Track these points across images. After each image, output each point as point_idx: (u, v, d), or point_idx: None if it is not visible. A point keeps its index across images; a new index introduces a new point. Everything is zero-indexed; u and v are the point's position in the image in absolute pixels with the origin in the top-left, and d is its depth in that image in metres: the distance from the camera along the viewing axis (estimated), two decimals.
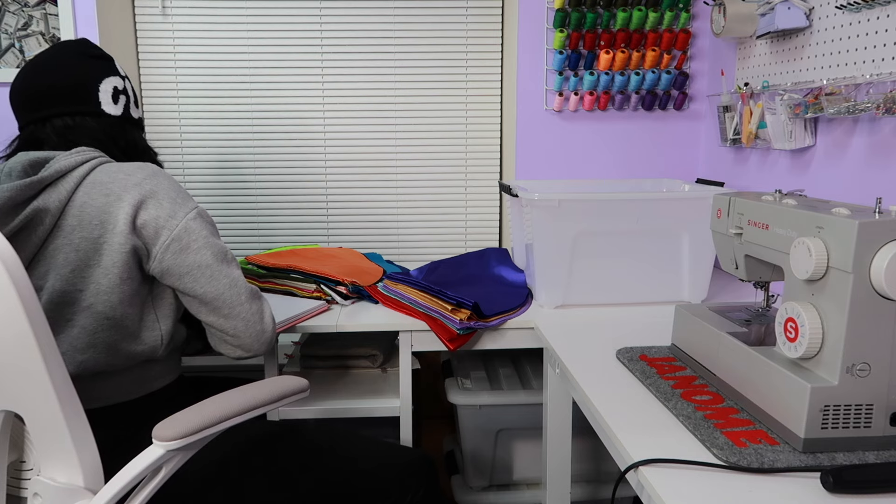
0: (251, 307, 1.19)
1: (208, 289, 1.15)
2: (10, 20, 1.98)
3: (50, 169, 1.10)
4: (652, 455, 0.86)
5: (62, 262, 1.10)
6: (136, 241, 1.11)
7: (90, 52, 1.26)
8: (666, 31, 2.03)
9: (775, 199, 1.03)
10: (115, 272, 1.10)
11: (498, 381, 1.80)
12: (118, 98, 1.26)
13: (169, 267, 1.13)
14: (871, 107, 1.30)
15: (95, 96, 1.22)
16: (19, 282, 0.85)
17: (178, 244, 1.12)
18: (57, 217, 1.10)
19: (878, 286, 0.82)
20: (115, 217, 1.10)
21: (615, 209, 1.53)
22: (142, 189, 1.12)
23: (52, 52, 1.24)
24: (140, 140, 1.31)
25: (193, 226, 1.14)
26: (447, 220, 2.24)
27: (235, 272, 1.19)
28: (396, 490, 1.22)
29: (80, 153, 1.15)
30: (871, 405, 0.86)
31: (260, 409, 1.02)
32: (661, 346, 1.26)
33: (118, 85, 1.26)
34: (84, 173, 1.12)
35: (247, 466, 1.16)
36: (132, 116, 1.30)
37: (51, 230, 1.10)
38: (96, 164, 1.15)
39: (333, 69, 2.14)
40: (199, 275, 1.14)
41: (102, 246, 1.10)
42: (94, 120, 1.22)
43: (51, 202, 1.09)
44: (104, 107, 1.23)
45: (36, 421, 0.92)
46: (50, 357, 0.88)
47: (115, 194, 1.11)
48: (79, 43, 1.27)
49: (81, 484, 0.92)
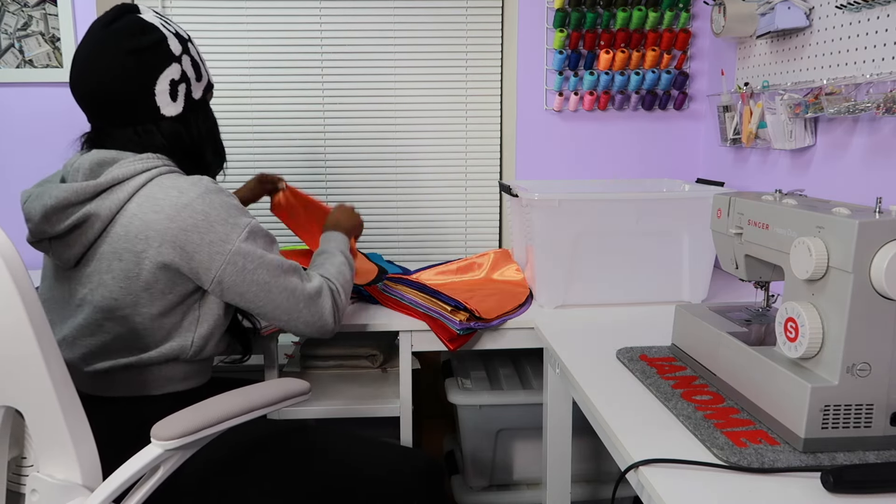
0: (311, 310, 1.21)
1: (266, 304, 1.17)
2: (10, 20, 1.98)
3: (108, 175, 1.11)
4: (652, 455, 0.86)
5: (105, 268, 1.11)
6: (183, 263, 1.11)
7: (139, 45, 1.14)
8: (666, 31, 2.03)
9: (775, 199, 1.03)
10: (156, 287, 1.12)
11: (498, 381, 1.80)
12: (176, 92, 1.18)
13: (226, 288, 1.14)
14: (871, 107, 1.30)
15: (152, 102, 1.16)
16: (19, 278, 0.85)
17: (234, 267, 1.13)
18: (107, 223, 1.11)
19: (879, 286, 0.82)
20: (161, 235, 1.09)
21: (615, 209, 1.53)
22: (193, 211, 1.10)
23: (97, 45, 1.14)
24: (204, 130, 1.25)
25: (246, 248, 1.13)
26: (447, 220, 2.23)
27: (292, 281, 1.19)
28: (400, 494, 1.22)
29: (144, 161, 1.14)
30: (871, 405, 0.86)
31: (260, 410, 1.02)
32: (661, 346, 1.26)
33: (174, 76, 1.17)
34: (140, 184, 1.12)
35: (246, 466, 1.16)
36: (194, 101, 1.22)
37: (99, 234, 1.11)
38: (155, 175, 1.14)
39: (333, 69, 2.14)
40: (258, 291, 1.16)
41: (144, 260, 1.10)
42: (156, 125, 1.18)
43: (103, 208, 1.10)
44: (164, 110, 1.17)
45: (35, 416, 0.92)
46: (48, 353, 0.88)
47: (164, 212, 1.10)
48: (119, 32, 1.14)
49: (79, 481, 0.92)
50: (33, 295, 0.86)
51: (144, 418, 0.99)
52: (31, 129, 2.05)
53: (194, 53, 1.22)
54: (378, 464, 1.23)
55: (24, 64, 2.00)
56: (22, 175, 2.06)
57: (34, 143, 2.05)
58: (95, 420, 1.13)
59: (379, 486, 1.20)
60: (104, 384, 1.18)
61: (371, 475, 1.21)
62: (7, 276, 0.84)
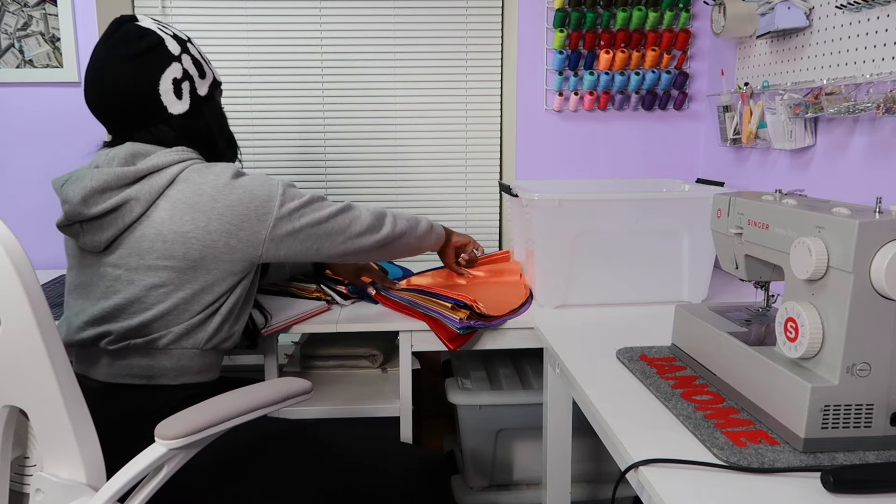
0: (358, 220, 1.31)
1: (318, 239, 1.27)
2: (10, 20, 1.98)
3: (148, 162, 1.17)
4: (652, 455, 0.86)
5: (147, 249, 1.16)
6: (231, 237, 1.18)
7: (136, 50, 1.19)
8: (666, 31, 2.03)
9: (775, 198, 1.03)
10: (202, 265, 1.17)
11: (498, 381, 1.80)
12: (181, 90, 1.23)
13: (281, 242, 1.23)
14: (871, 106, 1.30)
15: (159, 103, 1.21)
16: (25, 276, 0.85)
17: (281, 221, 1.22)
18: (146, 207, 1.16)
19: (879, 286, 0.82)
20: (208, 214, 1.16)
21: (615, 209, 1.53)
22: (233, 188, 1.19)
23: (100, 59, 1.20)
24: (214, 124, 1.31)
25: (287, 203, 1.23)
26: (447, 221, 2.23)
27: (329, 209, 1.28)
28: (402, 490, 1.22)
29: (179, 152, 1.21)
30: (871, 405, 0.86)
31: (263, 409, 1.02)
32: (661, 346, 1.26)
33: (176, 75, 1.22)
34: (177, 172, 1.18)
35: (248, 465, 1.16)
36: (200, 98, 1.26)
37: (138, 218, 1.16)
38: (190, 164, 1.21)
39: (333, 69, 2.14)
40: (309, 234, 1.25)
41: (191, 240, 1.16)
42: (167, 124, 1.23)
43: (142, 193, 1.16)
44: (171, 109, 1.23)
45: (39, 416, 0.92)
46: (53, 352, 0.88)
47: (208, 194, 1.17)
48: (118, 42, 1.20)
49: (83, 480, 0.92)
50: (39, 293, 0.86)
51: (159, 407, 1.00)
52: (31, 129, 2.05)
53: (195, 52, 1.27)
54: (380, 461, 1.23)
55: (24, 64, 2.00)
56: (22, 175, 2.06)
57: (34, 143, 2.05)
58: (111, 406, 1.16)
59: (381, 483, 1.20)
60: (124, 369, 1.20)
61: (372, 472, 1.21)
62: (13, 274, 0.84)
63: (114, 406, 1.18)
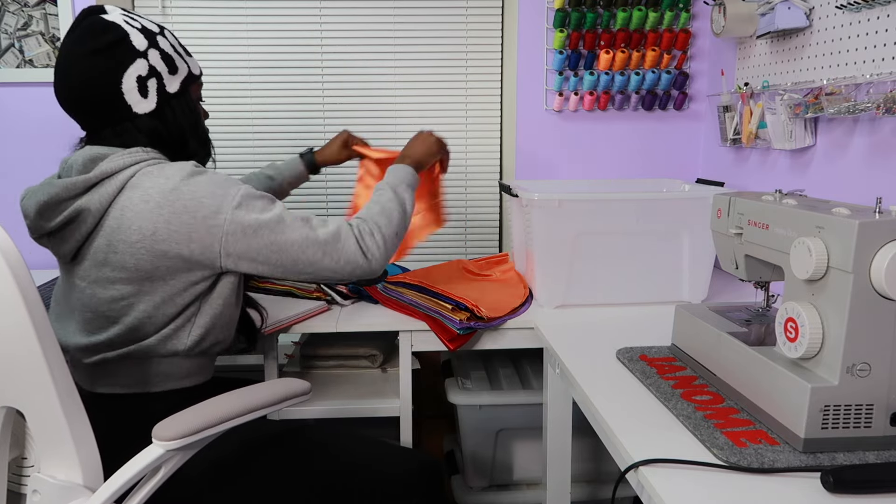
0: (331, 256, 1.19)
1: (283, 262, 1.17)
2: (10, 20, 1.98)
3: (97, 170, 1.11)
4: (652, 455, 0.86)
5: (102, 261, 1.12)
6: (183, 247, 1.11)
7: (97, 45, 1.12)
8: (666, 31, 2.03)
9: (775, 199, 1.03)
10: (156, 275, 1.12)
11: (498, 381, 1.80)
12: (146, 88, 1.15)
13: (236, 258, 1.14)
14: (871, 107, 1.30)
15: (122, 101, 1.14)
16: (21, 277, 0.85)
17: (234, 236, 1.13)
18: (99, 217, 1.11)
19: (879, 286, 0.82)
20: (154, 223, 1.10)
21: (615, 209, 1.53)
22: (180, 194, 1.10)
23: (64, 52, 1.15)
24: (185, 122, 1.22)
25: (240, 214, 1.13)
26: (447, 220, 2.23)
27: (300, 232, 1.17)
28: (400, 493, 1.22)
29: (133, 154, 1.14)
30: (871, 405, 0.86)
31: (261, 410, 1.02)
32: (661, 346, 1.26)
33: (140, 72, 1.14)
34: (128, 177, 1.12)
35: (246, 467, 1.16)
36: (168, 94, 1.18)
37: (93, 229, 1.12)
38: (142, 167, 1.14)
39: (333, 69, 2.14)
40: (269, 253, 1.15)
41: (140, 250, 1.10)
42: (132, 123, 1.16)
43: (93, 202, 1.11)
44: (135, 108, 1.15)
45: (36, 417, 0.92)
46: (50, 354, 0.88)
47: (154, 200, 1.10)
48: (82, 35, 1.14)
49: (80, 482, 0.92)
50: (35, 295, 0.86)
51: (147, 415, 0.99)
52: (31, 129, 2.05)
53: (165, 46, 1.19)
54: (378, 463, 1.23)
55: (24, 64, 2.00)
56: (22, 175, 2.06)
57: (34, 142, 2.05)
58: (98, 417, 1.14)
59: (379, 486, 1.20)
60: (107, 379, 1.18)
61: (371, 475, 1.21)
62: (9, 275, 0.84)
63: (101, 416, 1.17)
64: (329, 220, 1.23)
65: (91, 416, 1.14)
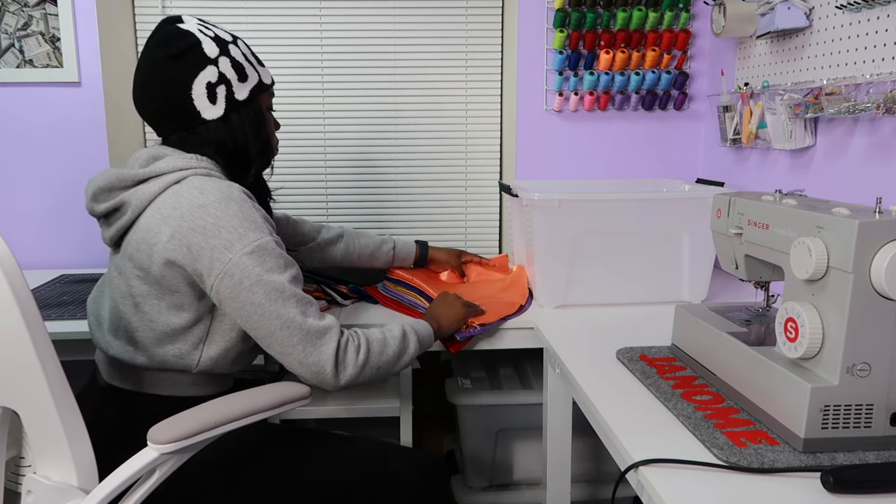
0: (305, 349, 1.11)
1: (260, 328, 1.11)
2: (10, 20, 1.98)
3: (150, 168, 1.15)
4: (652, 455, 0.86)
5: (129, 255, 1.15)
6: (187, 263, 1.10)
7: (170, 52, 1.16)
8: (666, 31, 2.03)
9: (775, 199, 1.03)
10: (163, 282, 1.12)
11: (498, 381, 1.80)
12: (215, 94, 1.18)
13: (223, 300, 1.10)
14: (871, 107, 1.30)
15: (192, 108, 1.17)
16: (14, 280, 0.85)
17: (230, 279, 1.08)
18: (137, 213, 1.14)
19: (879, 286, 0.82)
20: (172, 231, 1.10)
21: (615, 209, 1.53)
22: (206, 213, 1.09)
23: (143, 59, 1.19)
24: (250, 130, 1.23)
25: (246, 262, 1.08)
26: (447, 221, 2.23)
27: (290, 311, 1.10)
28: (401, 495, 1.21)
29: (186, 160, 1.16)
30: (871, 405, 0.86)
31: (259, 415, 1.01)
32: (661, 346, 1.26)
33: (211, 78, 1.17)
34: (173, 181, 1.14)
35: (244, 470, 1.16)
36: (236, 102, 1.20)
37: (132, 222, 1.15)
38: (189, 175, 1.14)
39: (333, 69, 2.14)
40: (251, 312, 1.09)
41: (154, 254, 1.11)
42: (200, 129, 1.19)
43: (135, 197, 1.14)
44: (204, 114, 1.18)
45: (32, 418, 0.92)
46: (44, 356, 0.88)
47: (180, 210, 1.10)
48: (158, 42, 1.18)
49: (75, 483, 0.92)
50: (29, 297, 0.86)
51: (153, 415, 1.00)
52: (31, 129, 2.05)
53: (237, 55, 1.21)
54: (380, 464, 1.23)
55: (24, 64, 2.00)
56: (22, 175, 2.06)
57: (34, 142, 2.05)
58: (108, 409, 1.15)
59: (380, 488, 1.20)
60: (120, 374, 1.20)
61: (371, 477, 1.21)
62: (3, 279, 0.84)
63: (112, 408, 1.18)
64: (328, 316, 1.16)
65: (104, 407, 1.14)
